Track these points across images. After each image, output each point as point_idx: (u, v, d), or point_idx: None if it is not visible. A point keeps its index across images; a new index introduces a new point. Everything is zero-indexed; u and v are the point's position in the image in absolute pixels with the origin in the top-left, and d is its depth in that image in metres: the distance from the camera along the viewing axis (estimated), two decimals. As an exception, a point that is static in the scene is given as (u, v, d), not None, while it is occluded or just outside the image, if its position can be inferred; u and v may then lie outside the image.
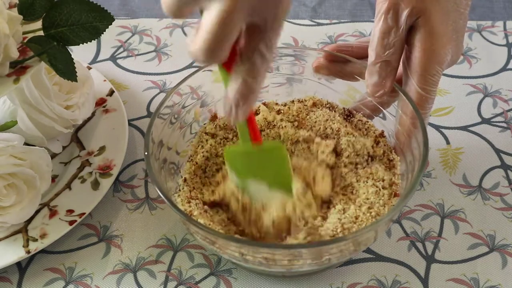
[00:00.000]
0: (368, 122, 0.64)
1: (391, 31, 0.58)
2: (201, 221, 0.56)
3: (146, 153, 0.57)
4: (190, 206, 0.58)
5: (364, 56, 0.62)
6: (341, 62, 0.64)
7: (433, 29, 0.57)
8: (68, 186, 0.67)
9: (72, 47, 0.77)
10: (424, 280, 0.61)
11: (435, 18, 0.57)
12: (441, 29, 0.57)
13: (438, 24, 0.57)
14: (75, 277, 0.62)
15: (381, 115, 0.64)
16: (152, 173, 0.56)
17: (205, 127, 0.65)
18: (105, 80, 0.77)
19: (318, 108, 0.65)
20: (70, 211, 0.64)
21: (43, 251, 0.64)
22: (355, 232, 0.53)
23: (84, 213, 0.64)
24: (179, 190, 0.61)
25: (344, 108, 0.65)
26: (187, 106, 0.64)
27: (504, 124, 0.73)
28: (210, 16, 0.46)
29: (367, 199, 0.57)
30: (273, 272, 0.59)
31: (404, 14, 0.57)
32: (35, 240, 0.62)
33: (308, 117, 0.64)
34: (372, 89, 0.60)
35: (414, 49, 0.58)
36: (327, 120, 0.64)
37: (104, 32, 0.63)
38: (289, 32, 0.86)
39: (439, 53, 0.57)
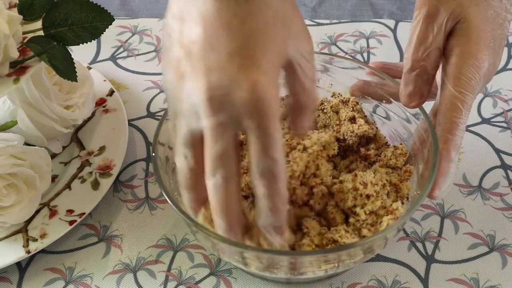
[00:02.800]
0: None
1: (430, 37, 0.56)
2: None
3: (153, 154, 0.58)
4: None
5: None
6: (379, 82, 0.64)
7: (471, 33, 0.56)
8: (68, 186, 0.67)
9: (72, 47, 0.77)
10: (424, 280, 0.61)
11: (474, 23, 0.56)
12: (479, 34, 0.56)
13: (477, 29, 0.56)
14: (75, 277, 0.62)
15: (385, 115, 0.64)
16: (160, 180, 0.56)
17: None
18: (105, 80, 0.77)
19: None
20: (70, 211, 0.64)
21: (43, 251, 0.64)
22: (365, 239, 0.53)
23: (84, 213, 0.64)
24: None
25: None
26: None
27: (504, 124, 0.73)
28: None
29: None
30: (278, 279, 0.59)
31: (444, 19, 0.56)
32: (35, 240, 0.62)
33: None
34: (406, 99, 0.58)
35: (452, 54, 0.56)
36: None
37: (104, 32, 0.63)
38: (289, 32, 0.85)
39: (476, 56, 0.56)
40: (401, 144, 0.61)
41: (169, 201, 0.55)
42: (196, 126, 0.48)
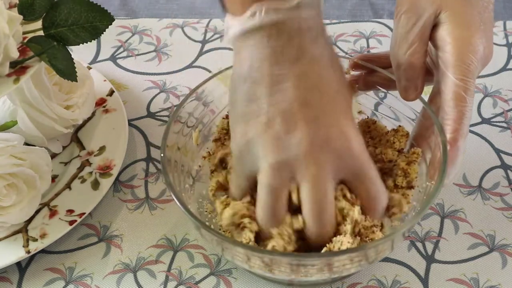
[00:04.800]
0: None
1: (412, 30, 0.57)
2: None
3: (162, 155, 0.58)
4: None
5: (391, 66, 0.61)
6: (365, 73, 0.64)
7: (460, 19, 0.56)
8: (68, 186, 0.67)
9: (72, 47, 0.77)
10: (424, 280, 0.61)
11: (459, 10, 0.56)
12: (467, 19, 0.57)
13: (464, 15, 0.56)
14: (75, 277, 0.62)
15: (394, 116, 0.64)
16: (168, 180, 0.56)
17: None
18: (105, 80, 0.77)
19: None
20: (70, 211, 0.64)
21: (43, 251, 0.64)
22: (370, 243, 0.53)
23: (84, 213, 0.64)
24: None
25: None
26: (199, 113, 0.64)
27: (504, 124, 0.73)
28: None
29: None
30: (280, 279, 0.59)
31: (425, 11, 0.57)
32: (35, 240, 0.62)
33: None
34: (403, 94, 0.59)
35: (444, 43, 0.56)
36: None
37: (104, 32, 0.63)
38: (289, 32, 0.85)
39: (470, 41, 0.56)
40: (399, 126, 0.62)
41: (175, 200, 0.54)
42: (289, 180, 0.52)
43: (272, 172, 0.52)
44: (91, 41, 0.63)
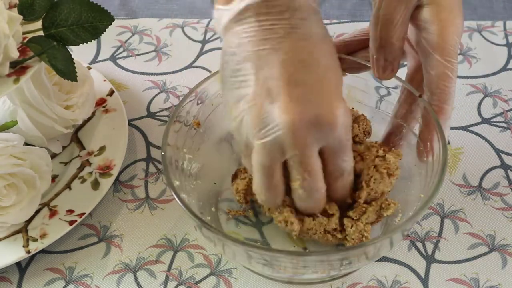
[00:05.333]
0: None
1: (396, 12, 0.57)
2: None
3: (163, 153, 0.58)
4: None
5: (365, 47, 0.62)
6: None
7: (443, 1, 0.57)
8: (68, 186, 0.67)
9: (72, 47, 0.77)
10: (424, 280, 0.61)
11: None
12: (450, 1, 0.57)
13: None
14: (75, 277, 0.62)
15: (390, 112, 0.64)
16: (169, 180, 0.56)
17: None
18: (105, 80, 0.77)
19: None
20: (70, 211, 0.64)
21: (43, 251, 0.64)
22: (368, 241, 0.53)
23: (84, 213, 0.64)
24: None
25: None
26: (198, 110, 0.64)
27: (504, 124, 0.73)
28: None
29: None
30: (280, 277, 0.59)
31: None
32: (35, 240, 0.62)
33: None
34: (381, 73, 0.60)
35: (429, 25, 0.57)
36: None
37: (104, 32, 0.63)
38: (289, 32, 0.85)
39: (454, 23, 0.57)
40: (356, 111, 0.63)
41: (177, 200, 0.55)
42: (279, 157, 0.52)
43: (262, 151, 0.52)
44: (91, 41, 0.63)
